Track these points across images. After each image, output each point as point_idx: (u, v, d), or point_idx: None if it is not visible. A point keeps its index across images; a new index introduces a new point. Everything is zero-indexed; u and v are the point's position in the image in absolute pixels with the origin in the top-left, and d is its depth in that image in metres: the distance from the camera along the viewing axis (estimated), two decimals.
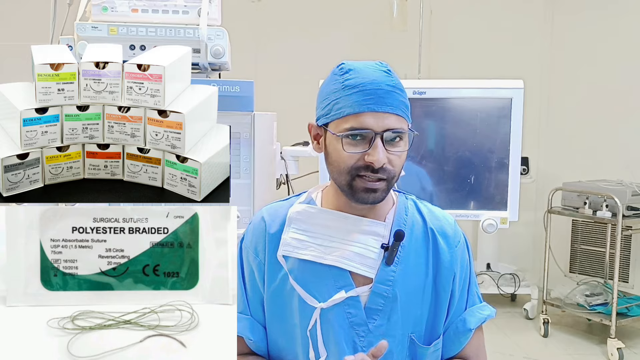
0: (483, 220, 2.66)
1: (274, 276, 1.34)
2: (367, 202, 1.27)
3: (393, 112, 1.23)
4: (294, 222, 1.34)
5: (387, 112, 1.23)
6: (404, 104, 1.27)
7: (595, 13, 4.74)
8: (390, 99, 1.24)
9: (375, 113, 1.22)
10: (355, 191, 1.25)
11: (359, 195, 1.25)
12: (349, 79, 1.26)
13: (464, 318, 1.38)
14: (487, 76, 2.79)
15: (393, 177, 1.26)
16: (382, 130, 1.22)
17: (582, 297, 4.13)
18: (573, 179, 4.31)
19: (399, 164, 1.26)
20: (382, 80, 1.25)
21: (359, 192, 1.25)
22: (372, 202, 1.27)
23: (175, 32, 1.94)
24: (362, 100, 1.23)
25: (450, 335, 1.38)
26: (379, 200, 1.27)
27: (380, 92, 1.23)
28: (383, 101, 1.23)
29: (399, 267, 1.31)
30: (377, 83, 1.24)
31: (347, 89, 1.25)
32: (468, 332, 1.37)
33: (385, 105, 1.23)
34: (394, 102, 1.24)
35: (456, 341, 1.38)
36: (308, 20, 4.88)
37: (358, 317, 1.30)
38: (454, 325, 1.37)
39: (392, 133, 1.23)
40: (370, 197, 1.25)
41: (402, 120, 1.25)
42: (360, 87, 1.24)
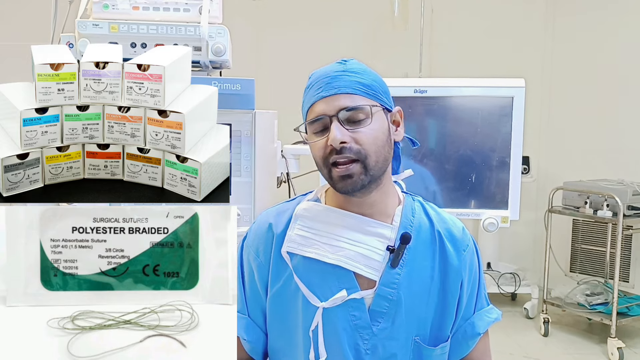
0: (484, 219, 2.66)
1: (278, 276, 1.33)
2: (347, 191, 1.24)
3: (342, 92, 1.24)
4: (300, 218, 1.33)
5: (336, 94, 1.24)
6: (359, 83, 1.26)
7: (596, 12, 4.74)
8: (338, 82, 1.25)
9: (325, 99, 1.24)
10: (335, 182, 1.24)
11: (337, 185, 1.24)
12: (309, 82, 1.30)
13: (473, 322, 1.37)
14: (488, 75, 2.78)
15: (366, 157, 1.22)
16: (335, 112, 1.23)
17: (583, 297, 4.13)
18: (574, 178, 4.30)
19: (366, 141, 1.23)
20: (332, 69, 1.28)
21: (337, 183, 1.24)
22: (352, 190, 1.24)
23: (176, 29, 1.94)
24: (314, 92, 1.26)
25: (458, 339, 1.37)
26: (359, 186, 1.23)
27: (327, 79, 1.26)
28: (330, 85, 1.25)
29: (404, 270, 1.30)
30: (326, 74, 1.27)
31: (307, 89, 1.30)
32: (476, 336, 1.37)
33: (332, 89, 1.24)
34: (342, 84, 1.25)
35: (464, 345, 1.37)
36: (309, 18, 4.88)
37: (362, 319, 1.29)
38: (462, 329, 1.37)
39: (346, 112, 1.23)
40: (348, 183, 1.22)
41: (357, 98, 1.24)
42: (313, 83, 1.28)
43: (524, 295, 4.72)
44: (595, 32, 4.74)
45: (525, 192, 3.41)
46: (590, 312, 4.05)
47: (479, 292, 1.40)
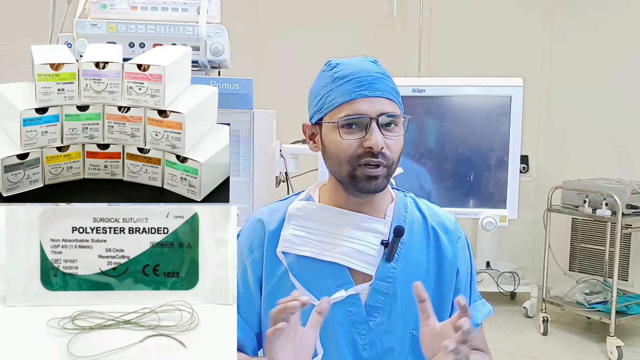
0: (482, 218, 2.67)
1: (272, 274, 1.34)
2: (369, 191, 1.26)
3: (385, 96, 1.25)
4: (294, 218, 1.34)
5: (379, 97, 1.25)
6: (395, 90, 1.28)
7: (595, 12, 4.74)
8: (381, 85, 1.26)
9: (368, 99, 1.24)
10: (358, 180, 1.25)
11: (361, 184, 1.25)
12: (337, 72, 1.28)
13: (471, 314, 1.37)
14: (487, 74, 2.79)
15: (392, 164, 1.26)
16: (377, 115, 1.23)
17: (582, 296, 4.13)
18: (573, 177, 4.31)
19: (396, 150, 1.26)
20: (370, 69, 1.28)
21: (361, 181, 1.24)
22: (374, 191, 1.26)
23: (175, 29, 1.94)
24: (353, 88, 1.25)
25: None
26: (380, 188, 1.26)
27: (370, 78, 1.26)
28: (374, 87, 1.25)
29: (399, 263, 1.31)
30: (366, 71, 1.27)
31: (337, 80, 1.27)
32: (475, 327, 1.36)
33: (376, 90, 1.25)
34: (385, 88, 1.26)
35: None
36: (307, 17, 4.87)
37: (358, 315, 1.30)
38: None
39: (386, 117, 1.24)
40: (372, 184, 1.24)
41: (395, 105, 1.27)
42: (349, 76, 1.26)
43: (523, 294, 4.72)
44: (593, 32, 4.74)
45: (524, 191, 3.42)
46: (589, 311, 4.05)
47: (472, 285, 1.41)
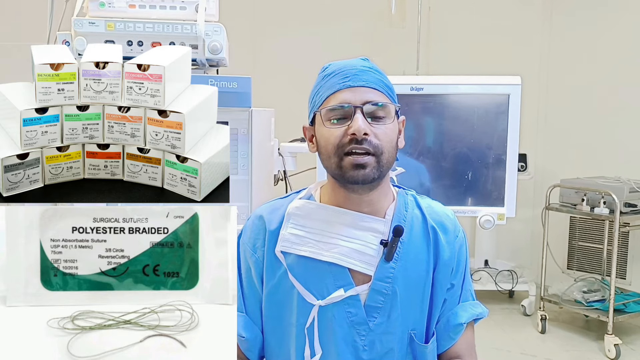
0: (480, 216, 2.67)
1: (273, 273, 1.34)
2: (357, 181, 1.24)
3: (370, 86, 1.26)
4: (293, 217, 1.34)
5: (364, 87, 1.26)
6: (383, 82, 1.29)
7: (593, 10, 4.74)
8: (366, 76, 1.27)
9: (352, 88, 1.26)
10: (345, 170, 1.23)
11: (349, 174, 1.23)
12: (327, 70, 1.31)
13: (456, 312, 1.36)
14: (485, 73, 2.79)
15: (381, 153, 1.24)
16: (361, 103, 1.24)
17: (580, 294, 4.14)
18: (571, 175, 4.31)
19: (385, 139, 1.25)
20: (357, 63, 1.30)
21: (348, 171, 1.23)
22: (362, 181, 1.24)
23: (173, 28, 1.93)
24: (338, 80, 1.27)
25: (441, 328, 1.36)
26: (369, 178, 1.24)
27: (355, 71, 1.28)
28: (358, 78, 1.26)
29: (398, 263, 1.31)
30: (351, 65, 1.29)
31: (326, 77, 1.30)
32: (459, 326, 1.35)
33: (361, 81, 1.26)
34: (370, 79, 1.27)
35: (446, 336, 1.36)
36: (306, 16, 4.87)
37: (358, 316, 1.30)
38: (445, 317, 1.36)
39: (371, 105, 1.25)
40: (360, 174, 1.23)
41: (382, 95, 1.27)
42: (337, 71, 1.29)
43: (521, 292, 4.72)
44: (592, 29, 4.74)
45: (522, 189, 3.42)
46: (588, 309, 4.05)
47: (464, 284, 1.40)
